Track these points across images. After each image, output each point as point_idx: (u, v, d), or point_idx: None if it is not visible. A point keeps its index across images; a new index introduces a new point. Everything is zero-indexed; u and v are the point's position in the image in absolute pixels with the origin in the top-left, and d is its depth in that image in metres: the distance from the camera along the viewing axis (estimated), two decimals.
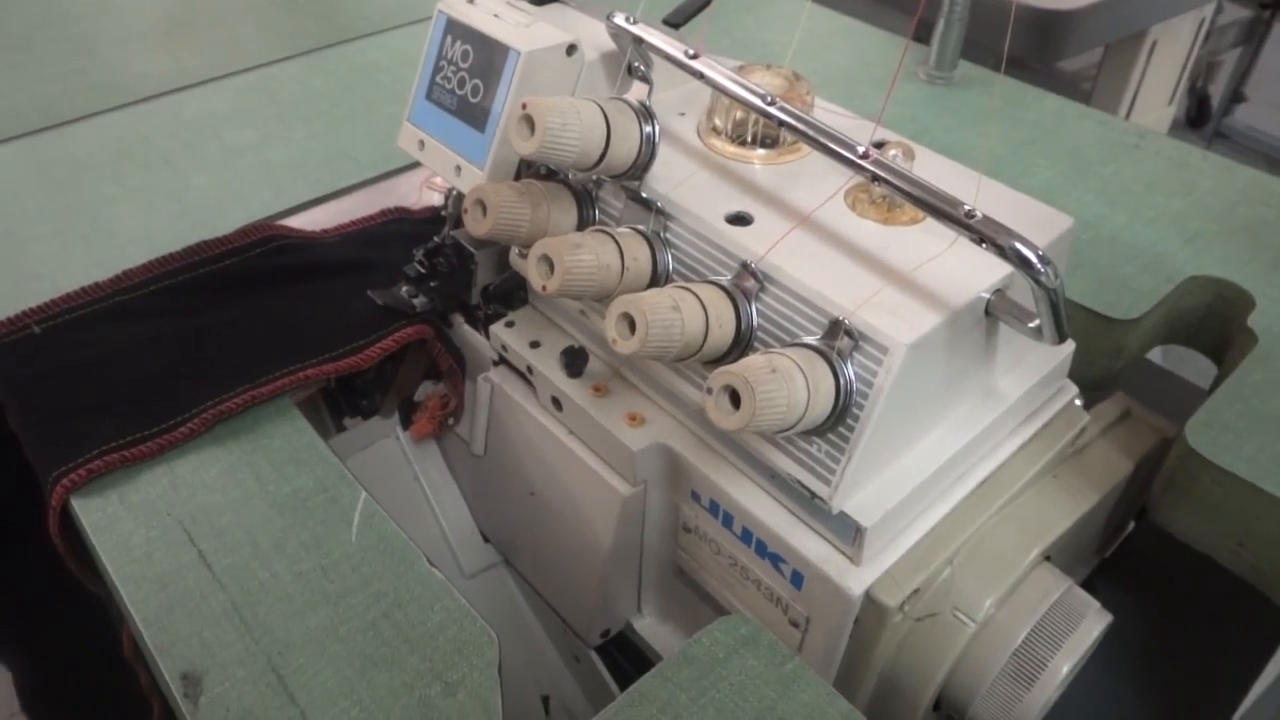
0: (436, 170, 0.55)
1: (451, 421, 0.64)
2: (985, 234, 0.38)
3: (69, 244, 0.67)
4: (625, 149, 0.47)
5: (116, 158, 0.76)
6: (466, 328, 0.62)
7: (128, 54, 0.90)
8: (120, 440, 0.52)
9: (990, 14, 0.97)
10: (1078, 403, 0.56)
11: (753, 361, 0.40)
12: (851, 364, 0.43)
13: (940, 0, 0.87)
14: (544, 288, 0.46)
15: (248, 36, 0.93)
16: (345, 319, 0.60)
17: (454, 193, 0.60)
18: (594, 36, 0.53)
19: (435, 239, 0.62)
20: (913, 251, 0.46)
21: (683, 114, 0.55)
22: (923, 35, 1.18)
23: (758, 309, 0.46)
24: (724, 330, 0.45)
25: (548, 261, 0.46)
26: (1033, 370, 0.52)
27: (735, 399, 0.40)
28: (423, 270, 0.62)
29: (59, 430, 0.54)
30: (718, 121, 0.52)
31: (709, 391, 0.40)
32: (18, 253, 0.67)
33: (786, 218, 0.48)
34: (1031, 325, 0.44)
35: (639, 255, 0.48)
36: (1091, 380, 0.64)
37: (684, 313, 0.43)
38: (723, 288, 0.46)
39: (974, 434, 0.49)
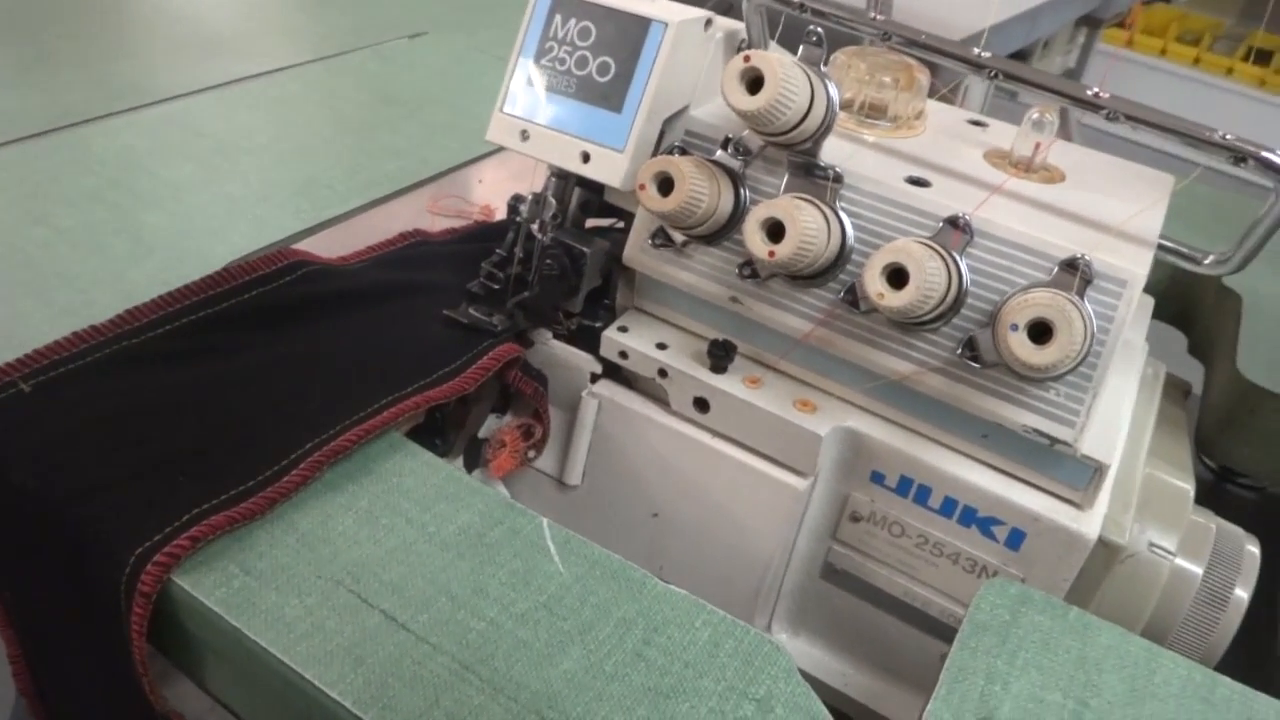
0: (551, 160, 0.50)
1: (533, 455, 0.57)
2: (1246, 151, 0.40)
3: (11, 293, 0.53)
4: (817, 112, 0.45)
5: (23, 199, 0.62)
6: (556, 344, 0.55)
7: None
8: (217, 499, 0.41)
9: None
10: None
11: (1052, 298, 0.39)
12: (1087, 302, 0.43)
13: None
14: (771, 254, 0.42)
15: (140, 67, 0.80)
16: (426, 344, 0.52)
17: (537, 195, 0.54)
18: (700, 14, 0.51)
19: (499, 252, 0.56)
20: (1079, 202, 0.48)
21: None
22: None
23: (967, 263, 0.45)
24: (953, 284, 0.44)
25: (770, 226, 0.43)
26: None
27: (1040, 336, 0.39)
28: (494, 286, 0.55)
29: (118, 500, 0.41)
30: (848, 95, 0.52)
31: (1013, 328, 0.39)
32: None
33: (956, 180, 0.48)
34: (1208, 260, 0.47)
35: (833, 221, 0.46)
36: None
37: (940, 263, 0.42)
38: (929, 244, 0.45)
39: (1136, 370, 0.51)
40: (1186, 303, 0.75)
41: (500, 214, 0.68)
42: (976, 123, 0.55)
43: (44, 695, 0.52)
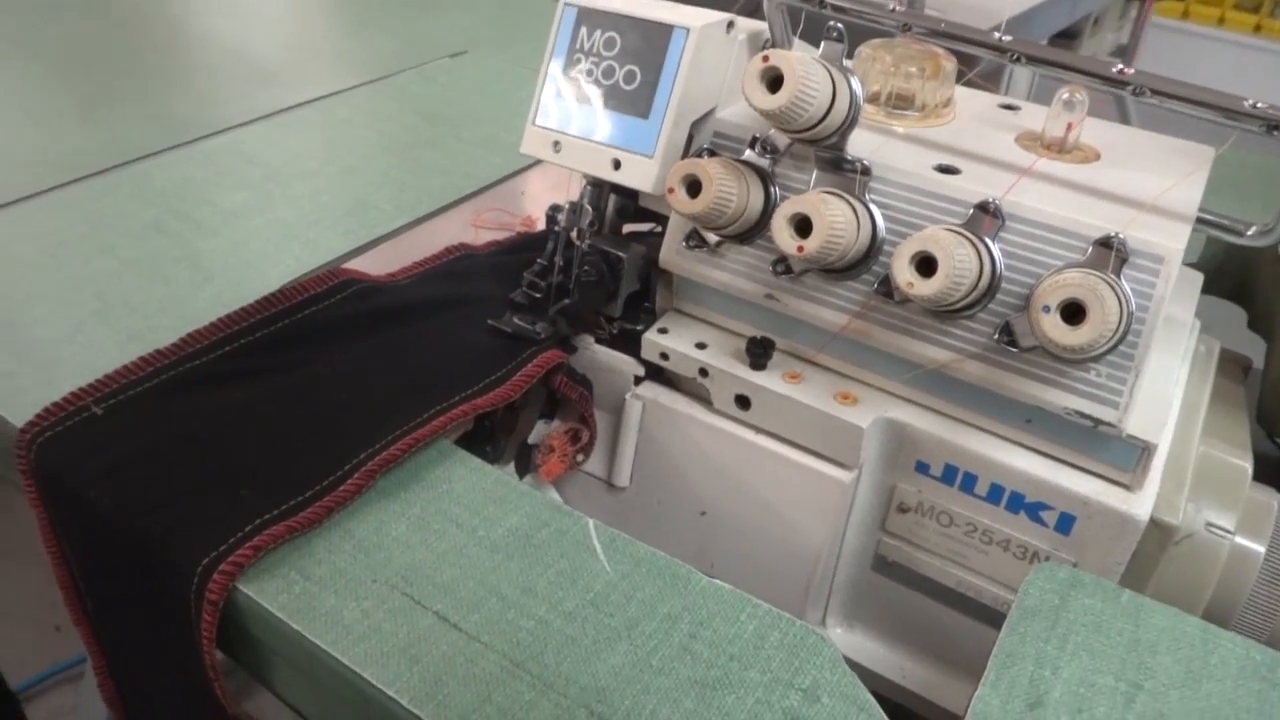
0: (583, 169, 0.51)
1: (581, 458, 0.58)
2: (1279, 119, 0.39)
3: (84, 323, 0.56)
4: (840, 107, 0.45)
5: (92, 233, 0.65)
6: (598, 348, 0.57)
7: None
8: (277, 510, 0.43)
9: None
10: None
11: (1083, 278, 0.39)
12: (1124, 280, 0.43)
13: None
14: (800, 249, 0.43)
15: (195, 101, 0.84)
16: (471, 354, 0.54)
17: (574, 204, 0.56)
18: (722, 17, 0.52)
19: (540, 261, 0.57)
20: (1113, 180, 0.47)
21: None
22: None
23: (1001, 248, 0.45)
24: (985, 270, 0.44)
25: (798, 222, 0.43)
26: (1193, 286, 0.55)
27: (1073, 316, 0.39)
28: (536, 295, 0.57)
29: (185, 514, 0.44)
30: (875, 87, 0.52)
31: (1046, 310, 0.39)
32: (18, 335, 0.55)
33: (986, 165, 0.48)
34: (1250, 232, 0.46)
35: (862, 214, 0.46)
36: None
37: (970, 249, 0.42)
38: (958, 230, 0.45)
39: (1183, 345, 0.50)
40: (1244, 276, 0.73)
41: (542, 224, 0.70)
42: (1008, 107, 0.55)
43: (126, 704, 0.54)
